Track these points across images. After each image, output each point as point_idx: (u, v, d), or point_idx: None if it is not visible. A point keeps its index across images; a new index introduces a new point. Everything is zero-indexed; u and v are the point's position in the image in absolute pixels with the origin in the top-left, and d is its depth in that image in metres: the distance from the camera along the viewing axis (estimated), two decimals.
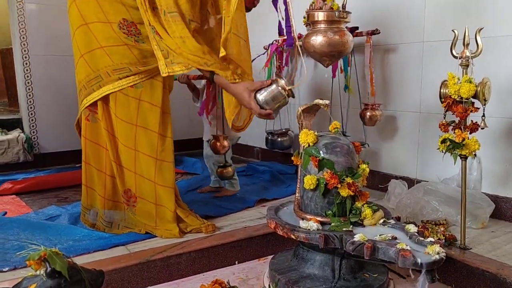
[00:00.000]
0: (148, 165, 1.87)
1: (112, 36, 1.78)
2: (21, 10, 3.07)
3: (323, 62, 2.02)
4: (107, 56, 1.78)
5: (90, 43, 1.80)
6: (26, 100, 3.15)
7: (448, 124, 1.67)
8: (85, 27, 1.80)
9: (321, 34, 1.93)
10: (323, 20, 1.94)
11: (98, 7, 1.77)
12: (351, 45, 1.99)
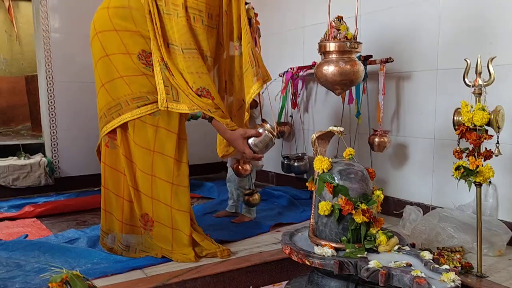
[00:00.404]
0: (164, 190, 1.91)
1: (132, 67, 1.86)
2: (46, 39, 3.21)
3: (335, 90, 2.07)
4: (127, 86, 1.86)
5: (111, 73, 1.88)
6: (49, 126, 3.26)
7: (462, 151, 1.68)
8: (106, 58, 1.88)
9: (333, 64, 1.97)
10: (335, 50, 1.99)
11: (119, 40, 1.86)
12: (362, 74, 2.04)
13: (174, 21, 1.80)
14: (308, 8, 3.08)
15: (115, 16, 1.88)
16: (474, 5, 2.13)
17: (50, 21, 3.21)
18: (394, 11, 2.50)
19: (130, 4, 1.87)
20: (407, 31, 2.44)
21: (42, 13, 3.18)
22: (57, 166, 3.30)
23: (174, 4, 1.77)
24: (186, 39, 1.76)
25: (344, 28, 2.73)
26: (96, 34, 1.92)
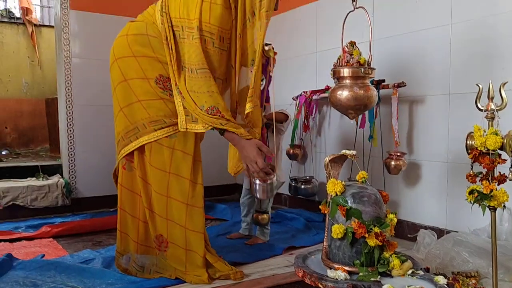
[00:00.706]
0: (179, 211, 1.94)
1: (149, 91, 1.92)
2: (67, 64, 3.32)
3: (349, 115, 2.09)
4: (144, 110, 1.91)
5: (129, 97, 1.94)
6: (68, 147, 3.34)
7: (476, 175, 1.68)
8: (125, 83, 1.95)
9: (347, 89, 2.00)
10: (349, 76, 2.03)
11: (137, 65, 1.93)
12: (376, 99, 2.06)
13: (188, 43, 1.85)
14: (321, 34, 3.15)
15: (134, 43, 1.95)
16: (485, 31, 2.16)
17: (71, 47, 3.33)
18: (405, 37, 2.55)
19: (148, 32, 1.95)
20: (419, 56, 2.47)
21: (64, 39, 3.30)
22: (74, 187, 3.37)
23: (190, 28, 1.83)
24: (199, 60, 1.82)
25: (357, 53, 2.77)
26: (115, 60, 1.99)
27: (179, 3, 1.87)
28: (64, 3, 3.28)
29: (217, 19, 1.81)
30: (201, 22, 1.80)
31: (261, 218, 2.45)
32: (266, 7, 1.80)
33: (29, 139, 5.80)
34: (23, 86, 5.83)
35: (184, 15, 1.84)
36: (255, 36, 1.88)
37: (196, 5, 1.80)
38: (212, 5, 1.80)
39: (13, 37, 5.78)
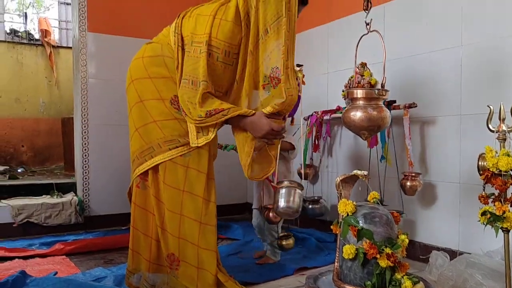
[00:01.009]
0: (192, 229, 1.95)
1: (164, 112, 1.96)
2: (84, 84, 3.41)
3: (362, 135, 2.10)
4: (159, 129, 1.95)
5: (145, 118, 1.98)
6: (82, 166, 3.40)
7: (488, 197, 1.68)
8: (140, 104, 2.00)
9: (361, 110, 2.01)
10: (362, 97, 2.04)
11: (153, 86, 1.98)
12: (389, 120, 2.07)
13: (193, 56, 1.89)
14: (332, 56, 3.19)
15: (150, 65, 2.01)
16: (495, 53, 2.18)
17: (88, 67, 3.42)
18: (416, 58, 2.57)
19: (164, 53, 2.00)
20: (430, 77, 2.49)
21: (81, 60, 3.40)
22: (87, 205, 3.41)
23: (198, 42, 1.88)
24: (203, 72, 1.86)
25: (368, 74, 2.81)
26: (132, 81, 2.04)
27: (192, 21, 1.94)
28: (82, 25, 3.39)
29: (225, 35, 1.86)
30: (210, 37, 1.85)
31: (287, 244, 2.40)
32: (286, 27, 1.83)
33: (45, 157, 5.91)
34: (41, 106, 5.97)
35: (195, 31, 1.90)
36: (269, 53, 1.89)
37: (207, 22, 1.87)
38: (222, 21, 1.86)
39: (32, 58, 5.96)
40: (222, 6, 1.92)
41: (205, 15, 1.91)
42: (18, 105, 5.83)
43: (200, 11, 1.97)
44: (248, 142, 1.95)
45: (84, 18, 3.39)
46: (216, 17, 1.87)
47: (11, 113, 5.77)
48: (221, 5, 1.93)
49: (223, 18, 1.87)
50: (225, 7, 1.92)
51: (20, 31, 6.08)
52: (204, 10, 1.96)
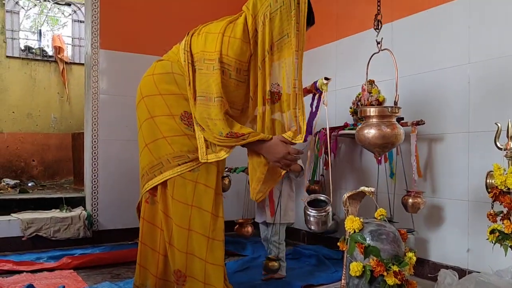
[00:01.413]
0: (200, 244, 1.95)
1: (174, 128, 1.98)
2: (95, 100, 3.46)
3: (376, 152, 2.11)
4: (169, 145, 1.97)
5: (154, 134, 2.01)
6: (91, 180, 3.43)
7: (496, 215, 1.67)
8: (150, 120, 2.03)
9: (375, 128, 2.02)
10: (375, 115, 2.04)
11: (163, 102, 2.01)
12: (403, 137, 2.07)
13: (205, 73, 1.92)
14: (340, 73, 3.22)
15: (160, 82, 2.05)
16: (503, 70, 2.18)
17: (99, 83, 3.48)
18: (424, 75, 2.58)
19: (174, 70, 2.04)
20: (438, 95, 2.50)
21: (93, 77, 3.46)
22: (96, 219, 3.43)
23: (210, 59, 1.91)
24: (218, 89, 1.88)
25: (376, 92, 2.83)
26: (142, 98, 2.08)
27: (201, 39, 1.97)
28: (94, 43, 3.47)
29: (235, 52, 1.89)
30: (221, 54, 1.88)
31: (271, 265, 2.42)
32: (295, 47, 1.86)
33: (55, 172, 5.98)
34: (52, 121, 6.07)
35: (206, 49, 1.93)
36: (273, 70, 1.93)
37: (217, 39, 1.90)
38: (231, 39, 1.89)
39: (45, 74, 6.08)
40: (230, 24, 1.96)
41: (214, 33, 1.94)
42: (30, 120, 5.93)
43: (208, 29, 2.01)
44: (260, 167, 2.01)
45: (96, 35, 3.47)
46: (225, 34, 1.91)
47: (23, 128, 5.87)
48: (229, 23, 1.96)
49: (231, 35, 1.90)
50: (233, 24, 1.95)
51: (34, 48, 6.22)
52: (212, 28, 1.99)
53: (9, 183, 4.95)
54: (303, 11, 1.89)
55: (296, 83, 1.89)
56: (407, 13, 2.70)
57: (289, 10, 1.88)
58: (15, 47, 6.00)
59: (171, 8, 3.74)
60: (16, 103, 5.84)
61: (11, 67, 5.86)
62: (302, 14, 1.88)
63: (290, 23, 1.87)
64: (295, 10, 1.87)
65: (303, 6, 1.89)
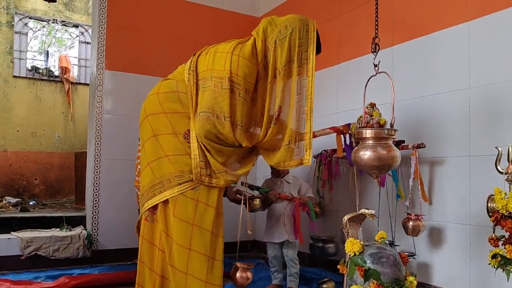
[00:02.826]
0: (200, 264, 1.94)
1: (177, 147, 2.00)
2: (99, 120, 3.49)
3: (373, 174, 2.11)
4: (171, 165, 1.99)
5: (157, 152, 2.03)
6: (92, 199, 3.43)
7: (498, 239, 1.65)
8: (154, 138, 2.04)
9: (371, 150, 2.02)
10: (372, 137, 2.06)
11: (167, 121, 2.03)
12: (399, 159, 2.07)
13: (213, 90, 1.96)
14: (341, 96, 3.25)
15: (165, 100, 2.07)
16: (503, 95, 2.20)
17: (104, 104, 3.52)
18: (424, 99, 2.60)
19: (179, 89, 2.07)
20: (438, 118, 2.51)
21: (97, 97, 3.51)
22: (96, 238, 3.41)
23: (219, 78, 1.95)
24: (227, 109, 1.92)
25: (377, 114, 2.84)
26: (146, 116, 2.10)
27: (209, 58, 2.02)
28: (100, 63, 3.52)
29: (244, 72, 1.94)
30: (231, 73, 1.92)
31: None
32: (305, 73, 1.96)
33: (56, 191, 5.98)
34: (56, 140, 6.11)
35: (214, 67, 1.97)
36: (278, 93, 1.97)
37: (226, 58, 1.95)
38: (240, 58, 1.94)
39: (51, 94, 6.16)
40: (239, 44, 2.01)
41: (223, 52, 1.99)
42: (34, 139, 5.97)
43: (216, 48, 2.06)
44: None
45: (102, 56, 3.53)
46: (234, 53, 1.95)
47: (27, 147, 5.91)
48: (238, 43, 2.02)
49: (240, 55, 1.95)
50: (241, 45, 2.00)
51: (41, 68, 6.32)
52: (220, 48, 2.04)
53: (11, 201, 4.95)
54: (312, 38, 1.95)
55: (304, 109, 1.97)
56: (407, 38, 2.74)
57: (297, 37, 1.93)
58: (22, 67, 6.11)
59: (176, 31, 3.81)
60: (21, 122, 5.89)
61: (18, 87, 5.95)
62: (311, 41, 1.95)
63: (295, 50, 1.93)
64: (303, 38, 1.93)
65: (312, 34, 1.95)
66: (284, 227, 2.73)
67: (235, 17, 4.10)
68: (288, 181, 2.88)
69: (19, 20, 6.16)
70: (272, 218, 2.80)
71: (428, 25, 2.62)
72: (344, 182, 3.17)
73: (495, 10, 2.26)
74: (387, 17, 2.87)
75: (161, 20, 3.76)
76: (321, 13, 3.51)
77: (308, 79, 1.94)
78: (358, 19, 3.12)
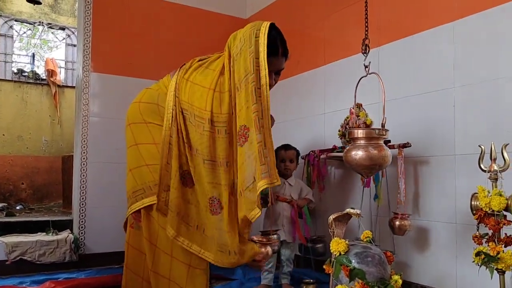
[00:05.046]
0: (180, 272, 1.92)
1: (156, 157, 1.96)
2: (85, 123, 3.46)
3: (364, 174, 2.12)
4: (151, 173, 1.97)
5: (138, 160, 2.01)
6: (79, 203, 3.39)
7: (482, 237, 1.66)
8: (135, 146, 2.03)
9: (362, 149, 2.03)
10: (363, 137, 2.06)
11: (147, 131, 2.02)
12: (390, 158, 2.08)
13: (197, 132, 1.85)
14: (329, 97, 3.26)
15: (145, 111, 2.06)
16: (487, 94, 2.22)
17: (90, 106, 3.49)
18: (410, 99, 2.62)
19: (159, 102, 2.04)
20: (424, 118, 2.53)
21: (83, 99, 3.47)
22: (83, 242, 3.37)
23: (200, 118, 1.82)
24: (209, 151, 1.81)
25: (363, 115, 2.85)
26: (129, 124, 2.10)
27: (188, 90, 1.90)
28: (86, 65, 3.49)
29: (227, 107, 1.81)
30: (212, 114, 1.80)
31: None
32: (257, 84, 1.72)
33: (43, 195, 5.91)
34: (43, 144, 6.04)
35: (194, 103, 1.86)
36: (239, 111, 1.79)
37: (207, 96, 1.82)
38: (221, 95, 1.82)
39: (37, 97, 6.10)
40: (221, 77, 1.87)
41: (204, 87, 1.86)
42: (20, 143, 5.90)
43: (196, 79, 1.91)
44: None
45: (88, 58, 3.50)
46: (216, 90, 1.83)
47: (13, 151, 5.84)
48: (219, 76, 1.87)
49: (221, 91, 1.83)
50: (223, 78, 1.87)
51: (27, 71, 6.25)
52: (202, 80, 1.89)
53: None
54: (263, 43, 1.73)
55: (264, 123, 1.71)
56: (393, 38, 2.76)
57: (247, 46, 1.75)
58: (7, 70, 6.04)
59: (163, 33, 3.79)
60: (7, 126, 5.82)
61: (3, 90, 5.87)
62: (262, 47, 1.72)
63: (247, 60, 1.73)
64: (253, 46, 1.73)
65: (263, 39, 1.73)
66: (282, 228, 2.74)
67: (222, 18, 4.09)
68: (291, 183, 2.88)
69: (4, 22, 6.09)
70: (270, 219, 2.78)
71: (413, 26, 2.64)
72: (332, 182, 3.18)
73: (479, 10, 2.28)
74: (373, 18, 2.88)
75: (147, 22, 3.74)
76: (309, 14, 3.52)
77: (262, 88, 1.71)
78: (345, 20, 3.13)
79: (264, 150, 1.67)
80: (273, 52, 1.82)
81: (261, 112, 1.70)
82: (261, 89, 1.71)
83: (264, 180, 1.64)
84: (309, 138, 3.41)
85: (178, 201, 1.88)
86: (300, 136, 3.47)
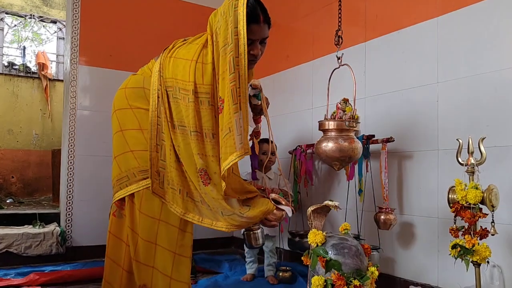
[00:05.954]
0: (165, 260, 1.92)
1: (142, 142, 1.96)
2: (73, 116, 3.45)
3: (334, 166, 2.12)
4: (135, 160, 1.96)
5: (123, 147, 2.00)
6: (66, 196, 3.39)
7: (458, 230, 1.68)
8: (120, 133, 2.02)
9: (332, 141, 2.05)
10: (334, 128, 2.08)
11: (133, 116, 2.01)
12: (361, 151, 2.09)
13: (183, 105, 1.85)
14: (316, 91, 3.26)
15: (131, 96, 2.05)
16: (469, 90, 2.23)
17: (78, 99, 3.48)
18: (395, 94, 2.63)
19: (145, 85, 2.04)
20: (408, 113, 2.54)
21: (71, 92, 3.46)
22: (70, 235, 3.37)
23: (185, 90, 1.83)
24: (194, 122, 1.81)
25: (350, 110, 2.86)
26: (115, 111, 2.08)
27: (171, 65, 1.91)
28: (74, 58, 3.48)
29: (209, 78, 1.82)
30: (196, 85, 1.80)
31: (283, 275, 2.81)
32: (235, 53, 1.70)
33: (34, 189, 5.89)
34: (33, 138, 6.01)
35: (177, 77, 1.86)
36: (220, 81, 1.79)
37: (189, 68, 1.82)
38: (204, 66, 1.82)
39: (28, 91, 6.06)
40: (204, 49, 1.87)
41: (187, 60, 1.86)
42: (11, 136, 5.87)
43: (179, 54, 1.93)
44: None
45: (76, 51, 3.49)
46: (198, 61, 1.83)
47: (3, 144, 5.81)
48: (202, 48, 1.88)
49: (204, 62, 1.83)
50: (206, 50, 1.87)
51: (18, 64, 6.21)
52: (185, 54, 1.91)
53: None
54: (242, 13, 1.70)
55: (240, 92, 1.69)
56: (379, 33, 2.77)
57: (228, 19, 1.74)
58: None
59: (150, 25, 3.79)
60: None
61: None
62: (241, 16, 1.71)
63: (226, 30, 1.73)
64: (232, 16, 1.72)
65: (241, 10, 1.71)
66: None
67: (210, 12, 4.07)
68: (270, 177, 2.90)
69: None
70: None
71: (399, 21, 2.65)
72: (319, 176, 3.19)
73: (462, 6, 2.29)
74: (360, 13, 2.90)
75: (136, 15, 3.73)
76: (296, 9, 3.52)
77: (240, 57, 1.69)
78: (332, 15, 3.13)
79: (240, 120, 1.68)
80: (254, 19, 1.80)
81: (238, 81, 1.68)
82: (239, 57, 1.69)
83: (238, 152, 1.66)
84: (297, 132, 3.42)
85: (178, 179, 1.89)
86: (288, 131, 3.48)
